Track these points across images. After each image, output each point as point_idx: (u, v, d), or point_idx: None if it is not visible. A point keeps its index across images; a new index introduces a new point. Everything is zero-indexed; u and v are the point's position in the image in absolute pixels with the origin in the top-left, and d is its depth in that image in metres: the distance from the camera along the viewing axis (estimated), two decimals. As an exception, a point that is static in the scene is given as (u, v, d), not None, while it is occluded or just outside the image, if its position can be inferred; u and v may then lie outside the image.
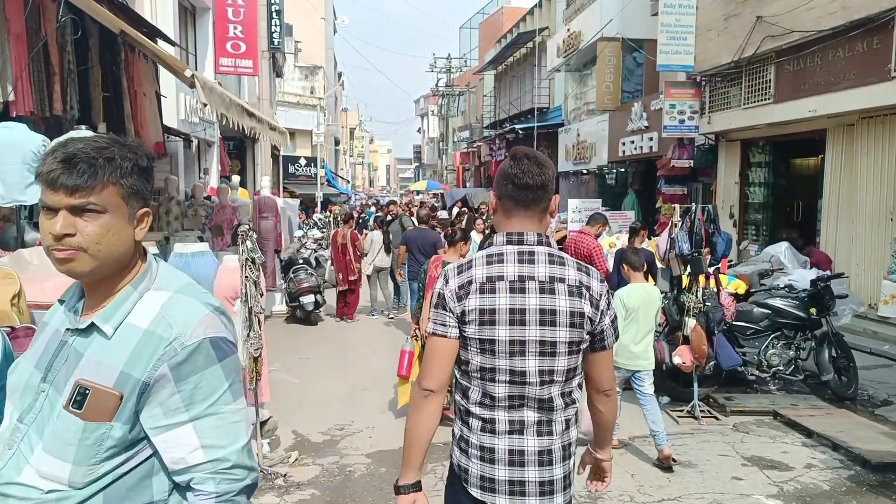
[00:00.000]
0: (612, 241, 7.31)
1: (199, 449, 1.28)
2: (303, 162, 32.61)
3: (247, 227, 4.09)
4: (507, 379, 1.77)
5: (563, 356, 1.78)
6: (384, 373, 6.90)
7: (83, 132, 5.18)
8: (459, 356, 1.83)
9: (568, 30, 18.11)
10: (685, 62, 11.26)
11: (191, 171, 12.25)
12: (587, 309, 1.78)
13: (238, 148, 18.79)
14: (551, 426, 1.80)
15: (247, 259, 3.88)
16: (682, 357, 5.18)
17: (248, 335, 3.92)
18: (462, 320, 1.79)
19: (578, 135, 18.56)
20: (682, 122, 11.50)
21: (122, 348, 1.28)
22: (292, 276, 9.59)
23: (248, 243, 3.90)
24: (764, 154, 10.90)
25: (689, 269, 5.28)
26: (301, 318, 9.60)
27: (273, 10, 21.00)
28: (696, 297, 5.23)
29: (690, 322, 5.21)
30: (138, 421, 1.29)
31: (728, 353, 5.31)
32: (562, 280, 1.79)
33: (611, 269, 6.34)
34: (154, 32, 7.85)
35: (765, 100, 9.60)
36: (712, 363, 5.32)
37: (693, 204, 5.74)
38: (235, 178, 12.42)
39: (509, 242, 1.83)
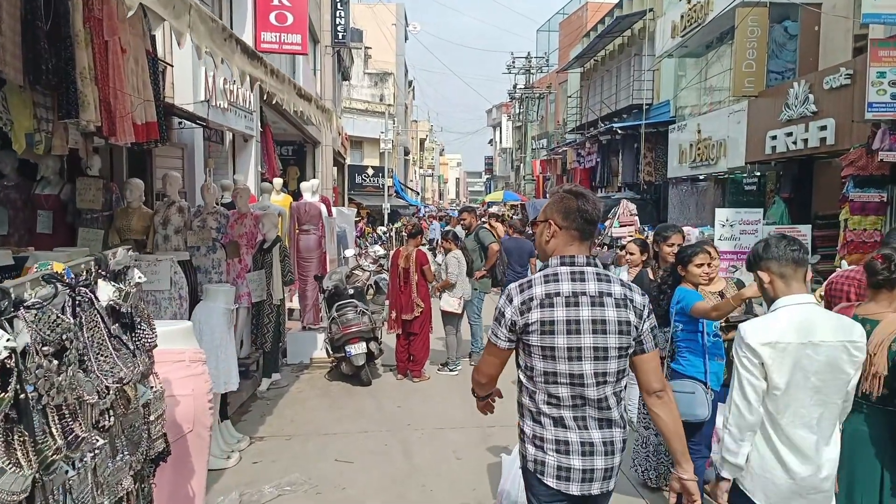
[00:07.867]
0: (820, 291, 3.89)
1: None
2: (370, 172, 30.84)
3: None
4: (568, 381, 2.04)
5: (613, 360, 2.05)
6: (472, 496, 3.84)
7: None
8: (524, 363, 2.11)
9: (689, 1, 14.66)
10: (905, 8, 7.76)
11: (221, 171, 9.67)
12: (632, 318, 2.07)
13: (297, 154, 16.45)
14: (611, 421, 2.07)
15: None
16: None
17: None
18: (525, 331, 2.06)
19: (699, 132, 14.97)
20: (895, 96, 7.96)
21: None
22: (336, 315, 6.67)
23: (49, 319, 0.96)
24: None
25: None
26: (348, 374, 6.70)
27: (337, 0, 18.61)
28: None
29: None
30: None
31: None
32: (609, 294, 2.07)
33: None
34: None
35: None
36: None
37: None
38: (277, 181, 9.77)
39: (563, 264, 2.12)
